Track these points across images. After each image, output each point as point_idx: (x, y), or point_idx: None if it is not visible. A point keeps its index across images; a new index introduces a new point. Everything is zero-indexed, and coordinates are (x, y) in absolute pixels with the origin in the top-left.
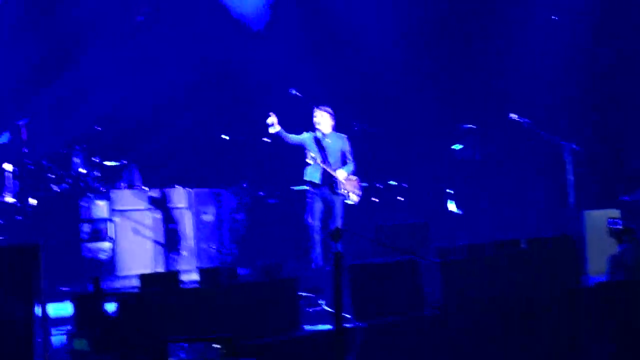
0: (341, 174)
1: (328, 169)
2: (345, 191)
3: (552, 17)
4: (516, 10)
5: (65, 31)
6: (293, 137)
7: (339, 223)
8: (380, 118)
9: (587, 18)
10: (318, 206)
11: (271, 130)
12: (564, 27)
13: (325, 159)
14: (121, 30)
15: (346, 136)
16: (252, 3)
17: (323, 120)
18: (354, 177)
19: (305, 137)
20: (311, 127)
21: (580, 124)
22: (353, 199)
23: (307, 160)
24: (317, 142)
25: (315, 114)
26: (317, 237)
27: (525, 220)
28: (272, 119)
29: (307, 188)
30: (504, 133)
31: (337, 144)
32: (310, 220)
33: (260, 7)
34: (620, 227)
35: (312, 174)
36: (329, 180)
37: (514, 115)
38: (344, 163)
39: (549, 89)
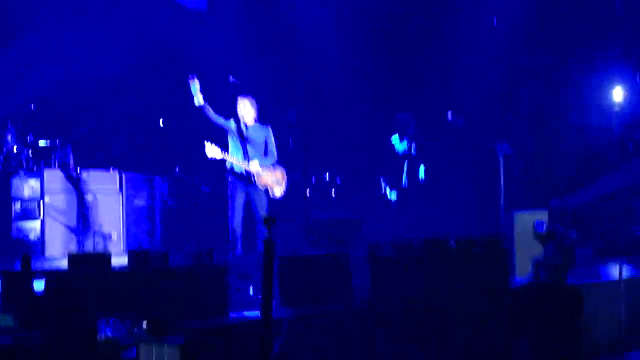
0: (254, 166)
1: (239, 163)
2: (263, 185)
3: (493, 19)
4: (458, 9)
5: (3, 6)
6: (218, 119)
7: (260, 215)
8: (318, 109)
9: (525, 20)
10: (240, 197)
11: (196, 102)
12: (503, 29)
13: (244, 150)
14: (60, 9)
15: (269, 127)
16: None
17: (246, 110)
18: (277, 170)
19: (230, 124)
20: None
21: (514, 127)
22: (276, 193)
23: (207, 152)
24: (239, 132)
25: (238, 103)
26: (238, 230)
27: (457, 219)
28: (195, 85)
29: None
30: (440, 131)
31: (260, 135)
32: (230, 211)
33: None
34: (544, 230)
35: (235, 166)
36: (247, 172)
37: (451, 115)
38: (265, 155)
39: (485, 89)
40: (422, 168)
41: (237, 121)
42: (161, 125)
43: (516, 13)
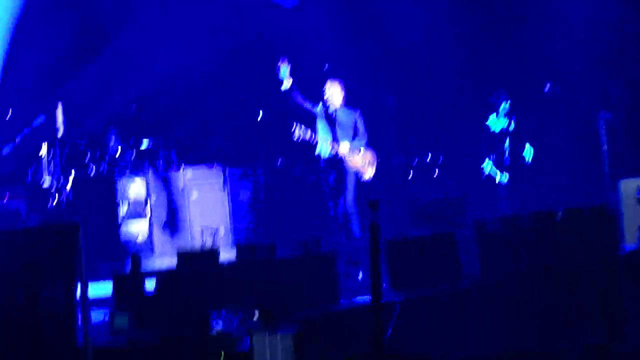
0: (344, 148)
1: (328, 144)
2: (353, 167)
3: None
4: None
5: (100, 11)
6: (306, 103)
7: (351, 200)
8: (414, 92)
9: None
10: (330, 182)
11: (283, 86)
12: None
13: (334, 134)
14: (155, 9)
15: (358, 111)
16: None
17: (334, 94)
18: (367, 153)
19: (318, 108)
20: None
21: (615, 94)
22: (366, 175)
23: (294, 134)
24: (328, 116)
25: (326, 87)
26: (332, 216)
27: (561, 190)
28: (286, 70)
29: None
30: (538, 103)
31: (349, 118)
32: (326, 198)
33: None
34: None
35: (323, 149)
36: (338, 156)
37: (549, 86)
38: (354, 139)
39: (582, 57)
40: (528, 148)
41: (326, 106)
42: (259, 118)
43: None
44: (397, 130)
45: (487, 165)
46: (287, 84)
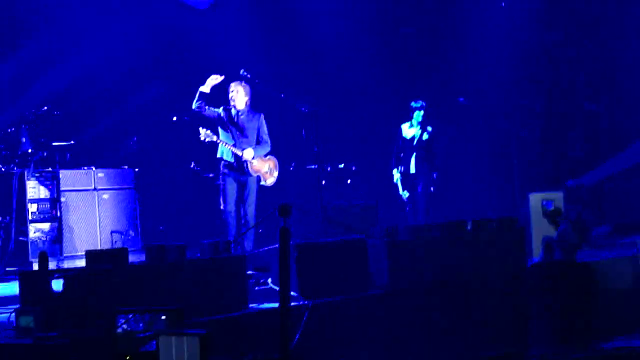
0: (248, 154)
1: (232, 149)
2: (255, 173)
3: (501, 4)
4: None
5: (15, 8)
6: (210, 110)
7: (252, 206)
8: (330, 99)
9: (536, 3)
10: (231, 188)
11: (202, 88)
12: (514, 13)
13: (236, 137)
14: (70, 8)
15: (262, 114)
16: None
17: (238, 95)
18: (269, 158)
19: (220, 111)
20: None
21: (529, 109)
22: (268, 181)
23: (201, 137)
24: (230, 118)
25: (230, 88)
26: (232, 222)
27: (472, 202)
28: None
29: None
30: (453, 116)
31: (252, 122)
32: (222, 204)
33: None
34: (550, 207)
35: (225, 152)
36: (239, 160)
37: (462, 99)
38: (258, 143)
39: (498, 74)
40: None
41: (228, 107)
42: (174, 119)
43: None
44: (310, 137)
45: (395, 174)
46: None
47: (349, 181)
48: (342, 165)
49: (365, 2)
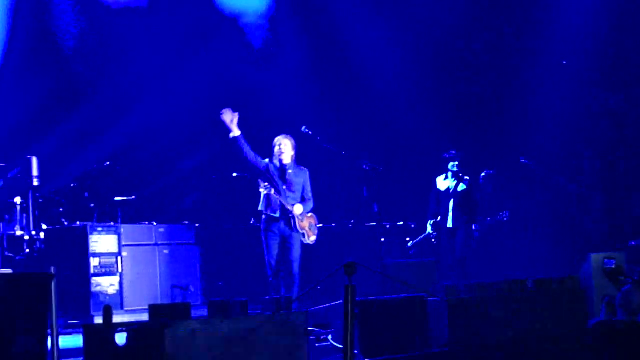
0: (298, 209)
1: (284, 202)
2: (302, 230)
3: (563, 61)
4: (526, 52)
5: (79, 65)
6: (252, 154)
7: (297, 262)
8: (388, 156)
9: (595, 62)
10: (275, 243)
11: (231, 134)
12: (576, 71)
13: (283, 191)
14: (131, 67)
15: (308, 170)
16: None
17: (286, 149)
18: (312, 215)
19: (267, 162)
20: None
21: (590, 168)
22: (310, 239)
23: (260, 190)
24: (279, 171)
25: (277, 141)
26: (277, 279)
27: (533, 260)
28: (229, 116)
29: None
30: (515, 174)
31: (299, 177)
32: (267, 260)
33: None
34: (612, 266)
35: (273, 204)
36: (286, 215)
37: (523, 159)
38: (302, 199)
39: (559, 132)
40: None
41: (273, 161)
42: (234, 175)
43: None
44: (370, 194)
45: (428, 227)
46: (234, 131)
47: (408, 239)
48: (401, 223)
49: (426, 59)
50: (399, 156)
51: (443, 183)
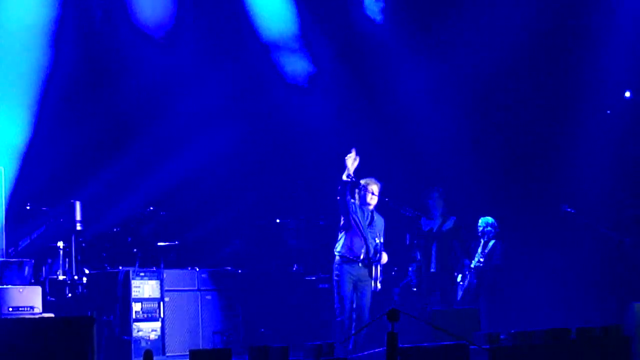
0: (385, 258)
1: (369, 248)
2: (377, 277)
3: (607, 111)
4: (571, 101)
5: (121, 110)
6: (353, 203)
7: (368, 309)
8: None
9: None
10: (349, 288)
11: (346, 175)
12: (617, 121)
13: (368, 237)
14: (175, 113)
15: (384, 219)
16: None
17: (375, 194)
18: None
19: (355, 205)
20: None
21: (634, 216)
22: (378, 286)
23: (342, 233)
24: (365, 216)
25: (368, 186)
26: (347, 324)
27: (575, 309)
28: (352, 158)
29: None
30: (556, 222)
31: (379, 224)
32: (339, 299)
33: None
34: None
35: (355, 248)
36: (368, 260)
37: (566, 207)
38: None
39: (602, 181)
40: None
41: (360, 206)
42: (277, 221)
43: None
44: (412, 241)
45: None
46: (350, 172)
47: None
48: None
49: (469, 106)
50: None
51: (426, 223)
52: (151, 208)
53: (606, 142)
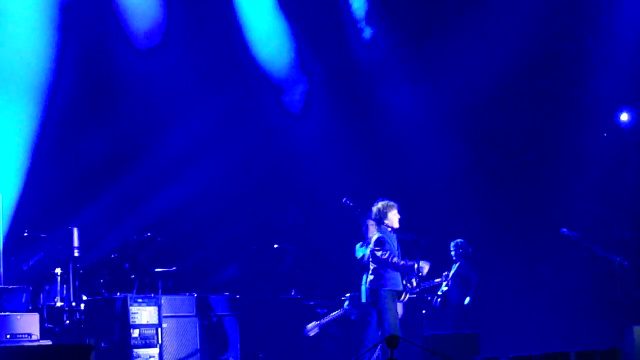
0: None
1: (412, 276)
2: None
3: (604, 134)
4: (566, 124)
5: (118, 136)
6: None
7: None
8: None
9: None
10: (394, 314)
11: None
12: (616, 143)
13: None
14: (174, 137)
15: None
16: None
17: (395, 216)
18: None
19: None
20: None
21: (632, 239)
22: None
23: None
24: (396, 242)
25: (392, 208)
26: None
27: (573, 333)
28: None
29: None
30: (555, 245)
31: (397, 246)
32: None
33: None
34: None
35: (397, 282)
36: (407, 294)
37: (564, 230)
38: None
39: (600, 203)
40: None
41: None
42: (275, 247)
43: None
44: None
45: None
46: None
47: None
48: (440, 293)
49: (462, 127)
50: (436, 227)
51: (359, 250)
52: (148, 234)
53: (602, 163)
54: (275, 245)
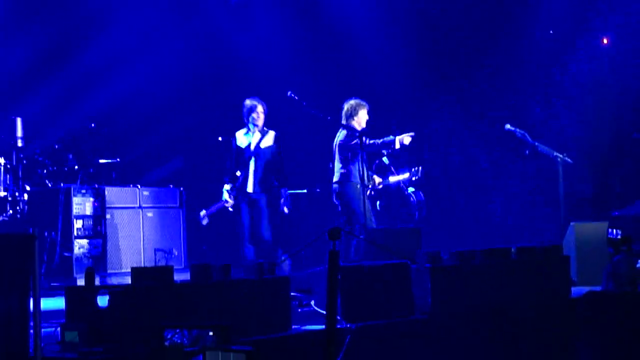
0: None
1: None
2: None
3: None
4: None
5: (63, 26)
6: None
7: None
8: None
9: None
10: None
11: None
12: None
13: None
14: (115, 27)
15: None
16: None
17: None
18: None
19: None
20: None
21: (575, 137)
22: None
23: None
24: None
25: (365, 107)
26: None
27: (516, 229)
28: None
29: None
30: (499, 142)
31: None
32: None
33: None
34: (619, 236)
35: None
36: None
37: (508, 126)
38: None
39: (547, 97)
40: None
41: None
42: (219, 140)
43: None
44: None
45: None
46: None
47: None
48: (381, 187)
49: (415, 26)
50: (383, 125)
51: (244, 138)
52: (92, 125)
53: (551, 61)
54: (220, 138)
